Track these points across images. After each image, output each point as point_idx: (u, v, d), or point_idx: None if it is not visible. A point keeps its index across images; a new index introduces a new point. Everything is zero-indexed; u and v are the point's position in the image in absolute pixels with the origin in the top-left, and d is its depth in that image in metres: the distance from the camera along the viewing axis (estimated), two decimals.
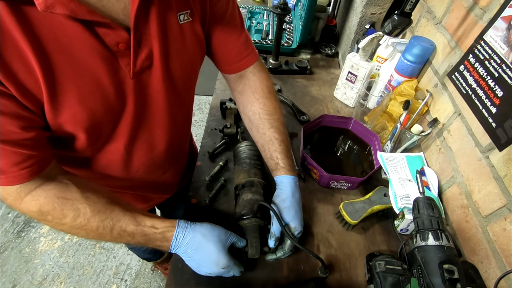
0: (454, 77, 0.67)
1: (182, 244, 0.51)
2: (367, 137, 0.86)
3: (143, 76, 0.48)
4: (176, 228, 0.51)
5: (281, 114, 0.66)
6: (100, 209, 0.47)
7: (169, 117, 0.57)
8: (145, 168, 0.63)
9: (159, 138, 0.60)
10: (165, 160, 0.66)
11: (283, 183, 0.60)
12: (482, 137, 0.59)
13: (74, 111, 0.43)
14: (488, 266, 0.56)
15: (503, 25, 0.54)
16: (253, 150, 0.73)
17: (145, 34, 0.44)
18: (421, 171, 0.69)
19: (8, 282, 1.43)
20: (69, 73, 0.40)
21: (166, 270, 1.42)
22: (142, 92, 0.50)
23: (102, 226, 0.47)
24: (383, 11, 0.99)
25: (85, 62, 0.41)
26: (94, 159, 0.56)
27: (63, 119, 0.43)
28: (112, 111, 0.47)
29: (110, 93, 0.45)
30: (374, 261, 0.58)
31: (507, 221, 0.52)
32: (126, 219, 0.49)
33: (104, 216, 0.47)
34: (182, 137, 0.70)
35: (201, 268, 0.53)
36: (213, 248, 0.51)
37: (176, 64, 0.52)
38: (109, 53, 0.42)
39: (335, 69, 1.18)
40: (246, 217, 0.61)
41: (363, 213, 0.67)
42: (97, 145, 0.52)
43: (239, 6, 1.39)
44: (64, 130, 0.45)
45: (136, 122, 0.52)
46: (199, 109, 2.37)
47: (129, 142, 0.55)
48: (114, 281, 1.45)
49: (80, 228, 0.47)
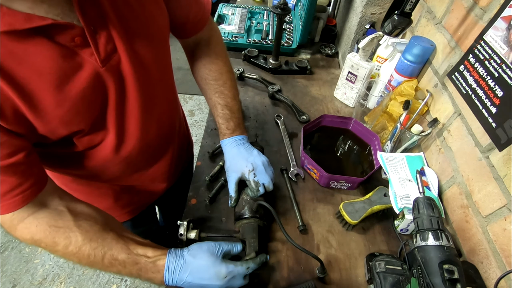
0: (454, 77, 0.67)
1: (175, 272, 0.49)
2: (367, 137, 0.86)
3: (113, 61, 0.47)
4: (167, 256, 0.50)
5: (228, 78, 0.67)
6: (91, 237, 0.47)
7: (149, 99, 0.56)
8: (137, 154, 0.62)
9: (148, 123, 0.59)
10: (156, 145, 0.66)
11: (224, 148, 0.64)
12: (482, 137, 0.59)
13: (59, 115, 0.43)
14: (488, 266, 0.56)
15: (503, 25, 0.54)
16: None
17: (97, 17, 0.42)
18: (421, 171, 0.69)
19: (8, 282, 1.43)
20: (38, 82, 0.39)
21: None
22: (118, 77, 0.49)
23: (93, 254, 0.47)
24: (383, 11, 0.99)
25: (49, 67, 0.40)
26: (87, 155, 0.56)
27: (53, 125, 0.43)
28: (95, 104, 0.47)
29: (86, 87, 0.44)
30: (374, 261, 0.58)
31: (507, 221, 0.52)
32: (118, 247, 0.48)
33: (95, 244, 0.47)
34: (170, 119, 0.69)
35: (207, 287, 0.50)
36: (206, 263, 0.50)
37: (141, 41, 0.50)
38: (69, 51, 0.41)
39: (335, 69, 1.18)
40: (245, 217, 0.61)
41: (363, 213, 0.67)
42: (92, 139, 0.52)
43: (239, 6, 1.40)
44: (59, 134, 0.45)
45: (121, 108, 0.52)
46: (199, 109, 2.37)
47: (119, 131, 0.54)
48: (114, 281, 1.45)
49: (72, 256, 0.47)
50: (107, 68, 0.46)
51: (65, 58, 0.41)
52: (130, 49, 0.48)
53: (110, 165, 0.60)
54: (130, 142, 0.58)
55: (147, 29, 0.51)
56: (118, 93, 0.50)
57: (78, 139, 0.51)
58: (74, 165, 0.58)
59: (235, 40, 1.20)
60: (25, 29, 0.36)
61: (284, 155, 0.83)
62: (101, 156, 0.57)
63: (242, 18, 1.32)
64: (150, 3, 0.51)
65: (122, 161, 0.60)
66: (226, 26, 1.27)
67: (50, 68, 0.40)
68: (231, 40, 1.19)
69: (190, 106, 2.40)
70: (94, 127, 0.50)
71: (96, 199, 0.71)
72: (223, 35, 1.21)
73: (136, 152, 0.61)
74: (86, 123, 0.48)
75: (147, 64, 0.53)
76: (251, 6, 1.42)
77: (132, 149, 0.59)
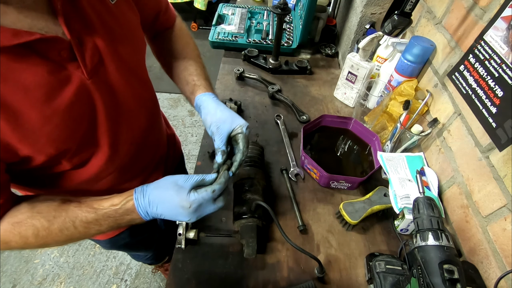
0: (454, 77, 0.67)
1: (146, 206, 0.47)
2: (367, 137, 0.86)
3: (100, 73, 0.46)
4: (134, 194, 0.48)
5: (193, 49, 0.68)
6: (54, 215, 0.46)
7: (137, 102, 0.56)
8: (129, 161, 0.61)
9: (139, 126, 0.59)
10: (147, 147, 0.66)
11: (206, 101, 0.59)
12: (482, 137, 0.59)
13: (47, 131, 0.42)
14: (488, 266, 0.56)
15: (503, 25, 0.54)
16: (254, 150, 0.73)
17: (82, 28, 0.42)
18: (421, 171, 0.69)
19: (8, 282, 1.43)
20: (23, 100, 0.38)
21: (167, 271, 1.42)
22: (106, 88, 0.48)
23: (65, 227, 0.46)
24: (383, 11, 0.99)
25: (36, 82, 0.39)
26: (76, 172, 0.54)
27: (40, 144, 0.42)
28: (83, 117, 0.46)
29: (74, 101, 0.43)
30: (374, 261, 0.58)
31: (507, 221, 0.52)
32: (83, 211, 0.47)
33: (61, 218, 0.46)
34: (156, 117, 0.69)
35: (178, 218, 0.48)
36: (169, 194, 0.46)
37: (126, 47, 0.50)
38: (56, 65, 0.41)
39: (335, 69, 1.18)
40: (244, 216, 0.61)
41: (363, 213, 0.67)
42: (81, 157, 0.51)
43: (239, 6, 1.40)
44: (46, 154, 0.44)
45: (113, 118, 0.51)
46: None
47: (112, 142, 0.54)
48: (114, 281, 1.45)
49: (47, 240, 0.46)
50: (94, 81, 0.46)
51: (52, 72, 0.40)
52: (116, 58, 0.48)
53: (102, 176, 0.59)
54: (123, 149, 0.58)
55: (130, 35, 0.51)
56: (107, 103, 0.49)
57: (66, 160, 0.49)
58: (63, 183, 0.56)
59: (235, 40, 1.20)
60: (13, 45, 0.35)
61: (284, 155, 0.83)
62: (91, 171, 0.55)
63: (242, 18, 1.32)
64: (127, 8, 0.51)
65: (114, 171, 0.60)
66: (226, 26, 1.27)
67: (36, 83, 0.39)
68: (231, 40, 1.19)
69: (190, 106, 2.40)
70: (82, 144, 0.49)
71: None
72: (223, 35, 1.21)
73: (128, 159, 0.61)
74: (75, 140, 0.47)
75: (133, 68, 0.53)
76: (251, 6, 1.42)
77: (125, 155, 0.59)
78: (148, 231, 0.94)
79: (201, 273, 0.60)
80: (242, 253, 0.58)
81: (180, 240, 0.60)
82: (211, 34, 1.21)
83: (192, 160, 1.99)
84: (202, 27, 3.11)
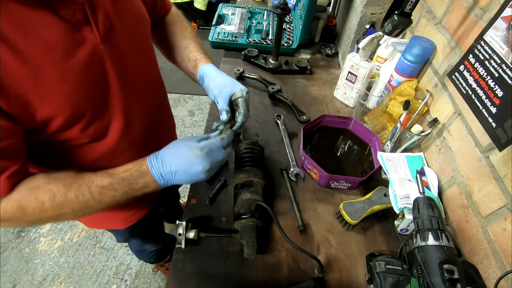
0: (454, 77, 0.67)
1: (160, 167, 0.50)
2: (367, 137, 0.86)
3: (112, 40, 0.49)
4: (147, 158, 0.51)
5: (191, 31, 0.73)
6: (71, 181, 0.47)
7: (144, 77, 0.59)
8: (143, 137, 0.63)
9: (148, 92, 0.62)
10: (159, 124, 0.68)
11: (209, 70, 0.64)
12: (482, 137, 0.59)
13: (65, 91, 0.43)
14: (488, 266, 0.56)
15: (503, 25, 0.54)
16: (255, 150, 0.73)
17: None
18: (421, 171, 0.69)
19: (8, 282, 1.43)
20: (44, 55, 0.40)
21: (167, 271, 1.42)
22: (117, 56, 0.50)
23: (81, 193, 0.47)
24: (383, 11, 0.99)
25: (56, 40, 0.41)
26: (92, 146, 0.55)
27: (57, 105, 0.44)
28: (98, 81, 0.48)
29: (89, 63, 0.45)
30: (374, 261, 0.58)
31: (507, 221, 0.52)
32: (98, 176, 0.49)
33: (77, 184, 0.47)
34: (163, 94, 0.73)
35: (192, 169, 0.50)
36: (182, 147, 0.50)
37: (132, 20, 0.53)
38: (71, 26, 0.43)
39: (335, 69, 1.18)
40: (243, 216, 0.61)
41: (363, 213, 0.67)
42: (99, 124, 0.52)
43: (239, 6, 1.40)
44: (63, 116, 0.45)
45: (124, 86, 0.53)
46: (199, 109, 2.37)
47: (125, 111, 0.55)
48: (114, 281, 1.45)
49: (63, 207, 0.46)
50: (106, 46, 0.48)
51: (69, 32, 0.42)
52: (124, 28, 0.51)
53: (118, 152, 0.60)
54: (136, 122, 0.60)
55: (135, 9, 0.55)
56: (118, 70, 0.51)
57: (82, 127, 0.50)
58: (80, 159, 0.57)
59: (235, 40, 1.20)
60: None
61: (284, 155, 0.83)
62: (107, 144, 0.57)
63: (242, 18, 1.32)
64: None
65: (129, 147, 0.61)
66: (226, 26, 1.27)
67: (56, 40, 0.41)
68: (231, 40, 1.19)
69: (190, 106, 2.40)
70: (97, 109, 0.50)
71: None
72: (223, 35, 1.21)
73: (142, 135, 0.63)
74: (90, 102, 0.48)
75: (140, 43, 0.56)
76: (251, 6, 1.42)
77: (138, 131, 0.61)
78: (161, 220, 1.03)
79: (201, 273, 0.60)
80: (242, 253, 0.58)
81: (180, 240, 0.60)
82: (211, 34, 1.21)
83: None
84: (202, 27, 3.11)
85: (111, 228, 0.82)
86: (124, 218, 0.78)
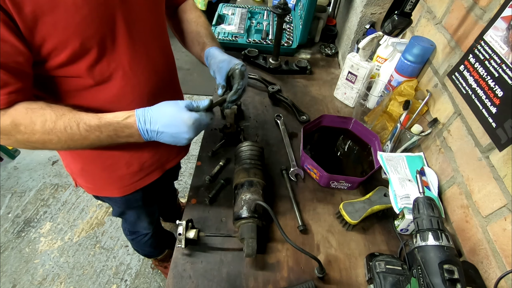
0: (454, 77, 0.67)
1: (147, 123, 0.53)
2: (367, 137, 0.86)
3: None
4: (136, 111, 0.54)
5: (204, 20, 0.78)
6: (64, 112, 0.51)
7: (152, 33, 0.62)
8: (149, 88, 0.65)
9: (156, 55, 0.64)
10: (165, 79, 0.70)
11: (212, 51, 0.70)
12: (482, 137, 0.59)
13: (76, 20, 0.46)
14: (488, 266, 0.56)
15: (503, 25, 0.54)
16: (255, 151, 0.73)
17: None
18: (421, 171, 0.69)
19: (8, 282, 1.43)
20: None
21: (166, 269, 1.42)
22: (127, 5, 0.53)
23: (69, 126, 0.50)
24: (383, 11, 0.99)
25: None
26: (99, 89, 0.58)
27: (68, 33, 0.46)
28: (106, 18, 0.51)
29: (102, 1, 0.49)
30: (374, 261, 0.58)
31: (507, 221, 0.52)
32: (89, 116, 0.52)
33: (68, 117, 0.51)
34: (171, 66, 0.75)
35: (179, 135, 0.54)
36: (172, 111, 0.53)
37: None
38: None
39: (335, 69, 1.18)
40: (243, 216, 0.61)
41: (363, 213, 0.67)
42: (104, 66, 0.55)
43: (239, 6, 1.40)
44: (71, 47, 0.48)
45: (130, 33, 0.56)
46: None
47: (130, 58, 0.58)
48: (114, 281, 1.44)
49: (51, 133, 0.50)
50: None
51: None
52: None
53: (123, 102, 0.62)
54: (142, 75, 0.62)
55: None
56: (125, 14, 0.53)
57: (88, 69, 0.53)
58: (85, 101, 0.59)
59: (235, 40, 1.20)
60: None
61: (284, 155, 0.83)
62: (112, 90, 0.59)
63: (242, 18, 1.32)
64: None
65: (135, 99, 0.63)
66: (226, 26, 1.27)
67: None
68: (231, 40, 1.19)
69: None
70: (103, 48, 0.53)
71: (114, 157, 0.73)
72: (223, 35, 1.21)
73: (148, 92, 0.65)
74: (97, 37, 0.51)
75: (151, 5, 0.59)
76: (251, 6, 1.42)
77: (145, 86, 0.63)
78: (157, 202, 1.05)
79: (201, 273, 0.60)
80: (242, 253, 0.58)
81: (180, 240, 0.60)
82: None
83: (192, 160, 1.99)
84: None
85: (109, 195, 0.83)
86: (122, 187, 0.80)
